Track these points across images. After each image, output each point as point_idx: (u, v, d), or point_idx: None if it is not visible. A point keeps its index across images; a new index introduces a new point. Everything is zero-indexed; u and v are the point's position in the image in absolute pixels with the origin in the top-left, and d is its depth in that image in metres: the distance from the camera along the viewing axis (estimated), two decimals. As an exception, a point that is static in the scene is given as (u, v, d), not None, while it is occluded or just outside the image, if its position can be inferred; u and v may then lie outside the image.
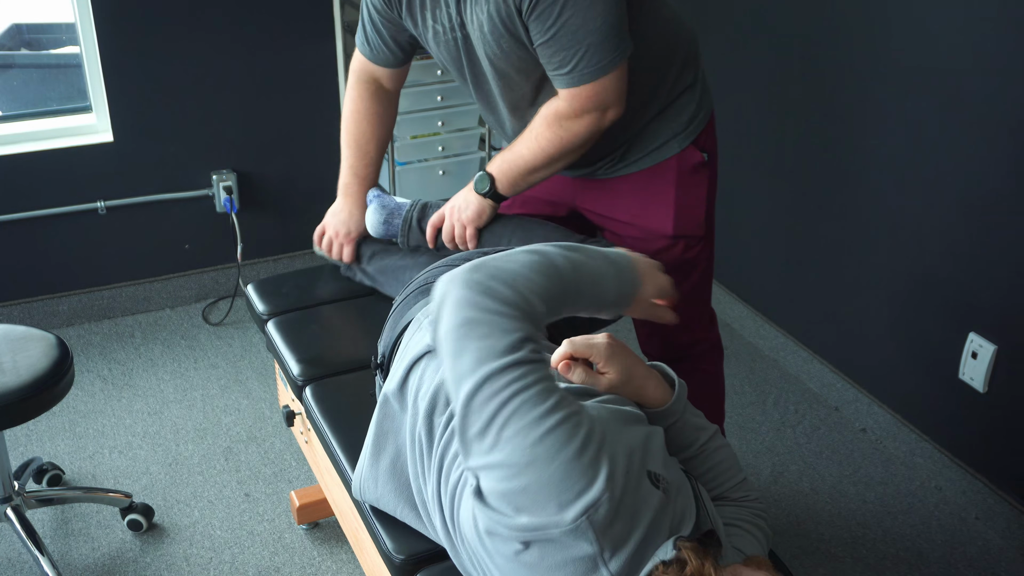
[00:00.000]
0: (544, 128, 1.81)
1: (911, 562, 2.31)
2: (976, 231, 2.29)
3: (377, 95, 2.09)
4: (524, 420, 1.17)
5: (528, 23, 1.68)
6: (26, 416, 2.06)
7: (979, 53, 2.19)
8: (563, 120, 1.79)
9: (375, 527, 1.60)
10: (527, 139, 1.84)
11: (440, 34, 1.83)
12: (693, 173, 1.99)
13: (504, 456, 1.17)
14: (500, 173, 1.89)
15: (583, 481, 1.15)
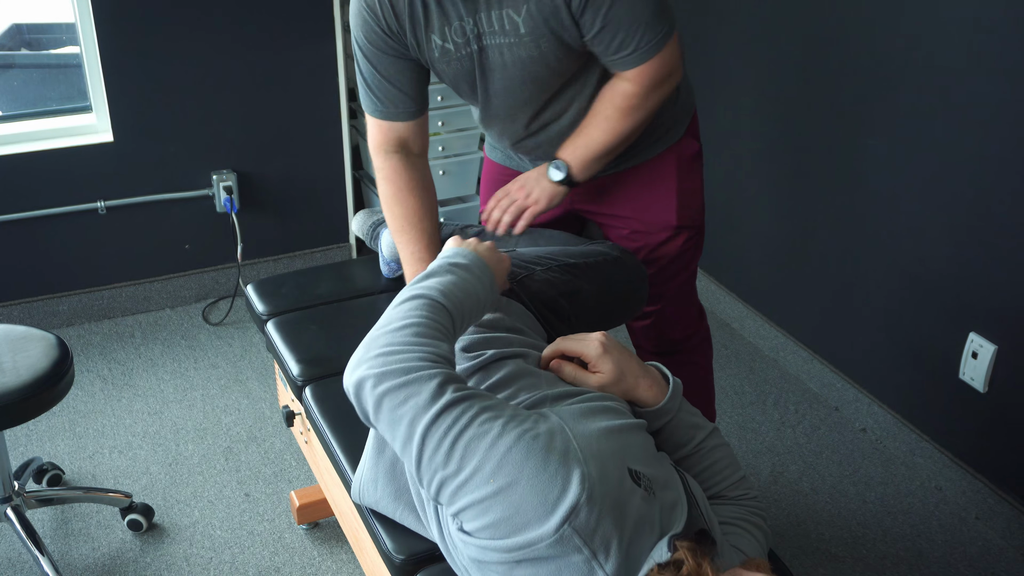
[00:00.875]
0: (614, 111, 1.80)
1: (911, 562, 2.30)
2: (976, 231, 2.29)
3: (408, 162, 1.90)
4: (477, 455, 1.17)
5: (579, 16, 1.67)
6: (26, 416, 2.06)
7: (979, 53, 2.18)
8: (635, 99, 1.79)
9: (375, 527, 1.60)
10: (598, 124, 1.83)
11: (451, 52, 1.76)
12: (691, 162, 2.03)
13: (473, 496, 1.17)
14: (575, 160, 1.85)
15: (556, 489, 1.14)
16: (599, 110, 1.83)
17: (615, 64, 1.77)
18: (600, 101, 1.83)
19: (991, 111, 2.19)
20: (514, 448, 1.16)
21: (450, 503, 1.20)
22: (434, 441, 1.19)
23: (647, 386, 1.43)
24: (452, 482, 1.19)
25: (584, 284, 1.79)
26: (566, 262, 1.83)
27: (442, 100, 3.14)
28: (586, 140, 1.84)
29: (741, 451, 2.63)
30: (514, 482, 1.15)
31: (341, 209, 3.38)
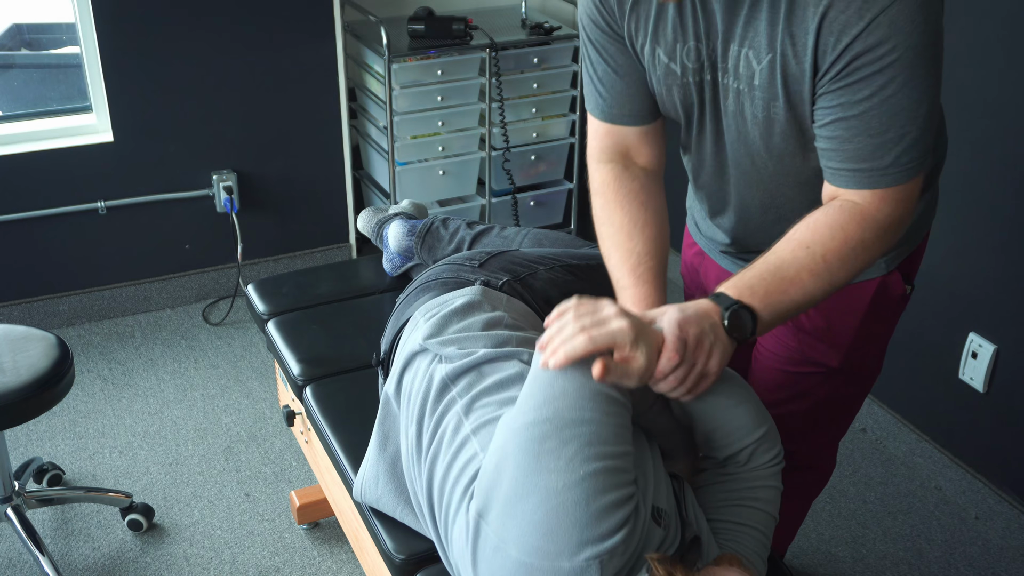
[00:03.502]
0: (842, 245, 1.31)
1: (911, 562, 2.31)
2: (976, 231, 2.29)
3: (629, 172, 1.52)
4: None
5: (822, 91, 1.28)
6: (26, 416, 2.06)
7: (979, 53, 2.19)
8: (871, 234, 1.32)
9: (375, 527, 1.60)
10: (812, 260, 1.30)
11: (677, 75, 1.40)
12: (889, 306, 1.59)
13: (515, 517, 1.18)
14: (770, 311, 1.30)
15: (605, 527, 1.14)
16: (820, 237, 1.31)
17: (846, 177, 1.32)
18: (824, 222, 1.32)
19: (990, 111, 2.19)
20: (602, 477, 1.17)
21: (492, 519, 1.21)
22: None
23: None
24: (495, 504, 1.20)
25: (586, 285, 1.77)
26: (569, 263, 1.81)
27: (442, 100, 3.15)
28: (787, 284, 1.30)
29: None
30: (586, 502, 1.15)
31: (341, 209, 3.38)
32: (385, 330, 1.76)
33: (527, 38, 3.20)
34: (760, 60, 1.30)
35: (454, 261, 1.75)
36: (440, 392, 1.42)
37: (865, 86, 1.24)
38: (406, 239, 2.12)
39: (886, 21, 1.20)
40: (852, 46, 1.22)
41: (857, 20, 1.20)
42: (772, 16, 1.27)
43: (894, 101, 1.24)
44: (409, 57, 3.04)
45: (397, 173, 3.16)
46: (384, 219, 2.30)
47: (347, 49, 3.19)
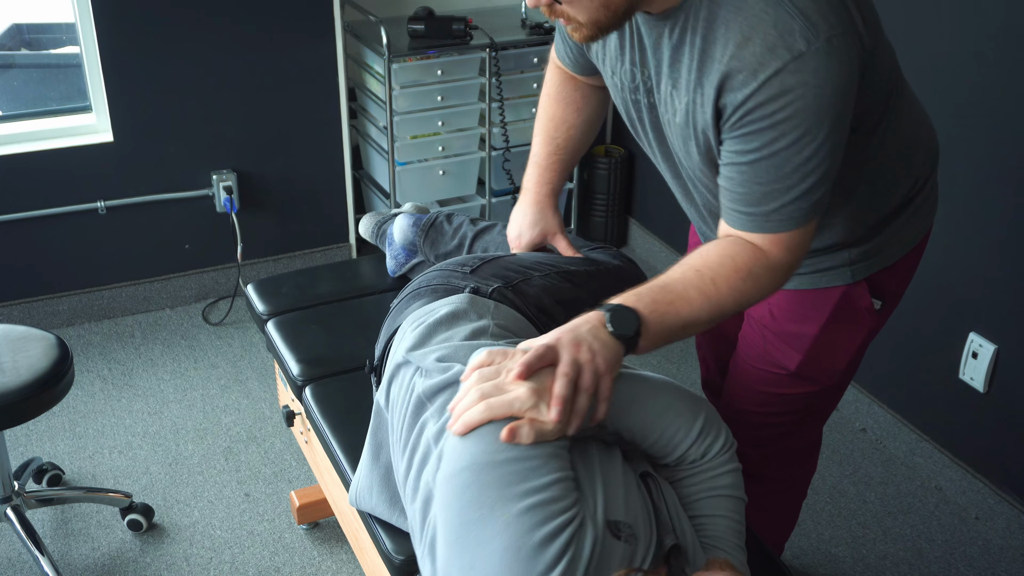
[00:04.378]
0: (731, 272, 1.36)
1: (911, 562, 2.31)
2: (976, 231, 2.29)
3: (574, 82, 1.76)
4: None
5: (723, 137, 1.34)
6: (26, 416, 2.06)
7: (978, 54, 2.18)
8: (760, 268, 1.37)
9: (375, 528, 1.60)
10: (701, 281, 1.35)
11: (618, 88, 1.52)
12: (853, 318, 1.61)
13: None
14: (656, 318, 1.32)
15: (542, 565, 1.12)
16: (711, 263, 1.37)
17: (741, 219, 1.38)
18: (721, 252, 1.38)
19: (990, 110, 2.19)
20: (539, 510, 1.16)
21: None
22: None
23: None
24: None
25: (582, 292, 1.72)
26: (565, 269, 1.76)
27: (442, 100, 3.15)
28: (675, 298, 1.35)
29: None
30: (520, 539, 1.14)
31: (341, 209, 3.38)
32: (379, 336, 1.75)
33: (527, 38, 3.20)
34: (680, 100, 1.39)
35: (446, 267, 1.72)
36: (417, 410, 1.39)
37: (756, 138, 1.30)
38: (411, 232, 2.11)
39: (777, 82, 1.25)
40: (746, 102, 1.27)
41: (752, 79, 1.26)
42: (690, 63, 1.34)
43: (783, 155, 1.29)
44: (409, 57, 3.04)
45: (397, 173, 3.16)
46: (386, 219, 2.29)
47: (347, 49, 3.19)
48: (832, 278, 1.58)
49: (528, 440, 1.19)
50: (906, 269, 1.64)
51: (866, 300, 1.60)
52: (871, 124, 1.45)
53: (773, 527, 1.95)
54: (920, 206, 1.60)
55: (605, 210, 3.56)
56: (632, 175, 3.60)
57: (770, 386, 1.71)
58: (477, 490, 1.17)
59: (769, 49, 1.24)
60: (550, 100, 1.79)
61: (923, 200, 1.60)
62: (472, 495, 1.17)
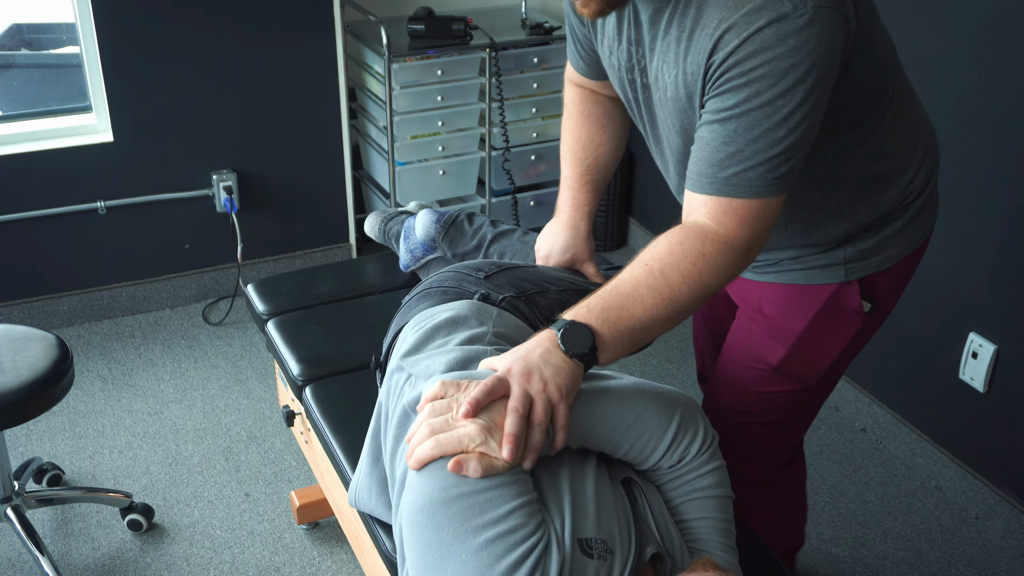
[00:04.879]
0: (680, 259, 1.31)
1: (911, 562, 2.31)
2: (976, 231, 2.29)
3: (595, 97, 1.75)
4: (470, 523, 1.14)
5: (706, 99, 1.33)
6: (26, 416, 2.06)
7: (978, 53, 2.18)
8: (712, 247, 1.32)
9: (375, 528, 1.60)
10: (650, 277, 1.30)
11: (614, 68, 1.53)
12: (842, 318, 1.59)
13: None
14: (609, 328, 1.28)
15: None
16: (658, 254, 1.32)
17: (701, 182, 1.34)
18: (666, 240, 1.33)
19: (990, 110, 2.19)
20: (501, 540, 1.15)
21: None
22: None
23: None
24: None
25: None
26: (584, 288, 1.71)
27: (442, 100, 3.15)
28: (626, 301, 1.30)
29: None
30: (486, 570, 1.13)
31: (341, 209, 3.38)
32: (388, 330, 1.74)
33: (527, 38, 3.20)
34: (670, 74, 1.38)
35: (461, 269, 1.70)
36: (403, 421, 1.38)
37: (731, 95, 1.29)
38: (433, 228, 2.10)
39: (759, 38, 1.25)
40: (729, 58, 1.28)
41: (736, 36, 1.27)
42: (679, 34, 1.34)
43: (754, 115, 1.28)
44: (409, 57, 3.04)
45: (397, 173, 3.16)
46: (391, 216, 2.29)
47: (347, 49, 3.19)
48: (825, 275, 1.57)
49: (477, 474, 1.16)
50: (901, 274, 1.62)
51: (855, 301, 1.58)
52: (868, 119, 1.44)
53: (773, 535, 1.94)
54: (920, 209, 1.59)
55: (605, 210, 3.56)
56: (632, 175, 3.59)
57: (753, 384, 1.70)
58: (433, 531, 1.15)
59: (757, 9, 1.25)
60: (573, 121, 1.78)
61: (923, 204, 1.59)
62: (429, 536, 1.15)
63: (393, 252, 2.30)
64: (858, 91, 1.39)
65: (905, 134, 1.53)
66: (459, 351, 1.42)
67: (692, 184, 1.36)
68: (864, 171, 1.50)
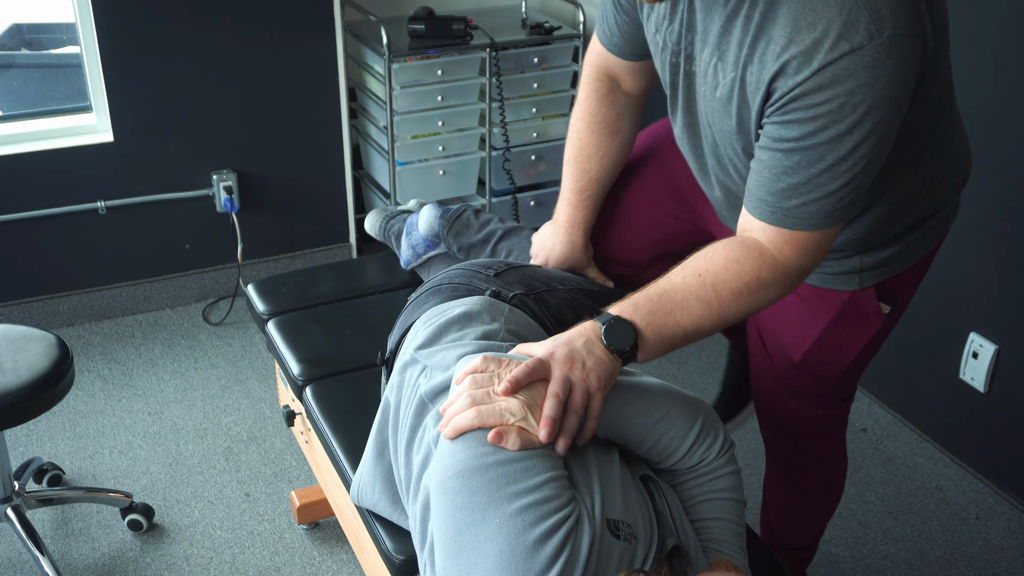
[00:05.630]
0: (735, 278, 1.31)
1: (911, 562, 2.31)
2: (976, 231, 2.29)
3: (610, 98, 1.68)
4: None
5: (764, 121, 1.30)
6: (26, 416, 2.06)
7: (977, 52, 2.18)
8: (768, 273, 1.32)
9: (375, 528, 1.60)
10: (702, 288, 1.31)
11: (659, 47, 1.46)
12: (860, 321, 1.59)
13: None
14: (653, 330, 1.30)
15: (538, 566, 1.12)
16: (714, 267, 1.32)
17: (759, 208, 1.32)
18: (720, 254, 1.33)
19: (989, 109, 2.19)
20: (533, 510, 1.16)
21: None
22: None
23: None
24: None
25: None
26: (591, 288, 1.74)
27: (442, 100, 3.14)
28: (674, 307, 1.32)
29: (741, 451, 2.63)
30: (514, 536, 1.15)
31: (341, 209, 3.38)
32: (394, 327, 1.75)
33: (527, 38, 3.20)
34: (726, 75, 1.33)
35: (470, 267, 1.70)
36: (419, 411, 1.39)
37: (796, 127, 1.25)
38: (437, 223, 2.10)
39: (830, 72, 1.20)
40: (795, 88, 1.23)
41: (806, 66, 1.22)
42: (743, 38, 1.29)
43: (820, 150, 1.24)
44: (409, 57, 3.04)
45: (397, 173, 3.16)
46: (393, 215, 2.29)
47: (347, 49, 3.19)
48: (839, 282, 1.56)
49: (515, 447, 1.19)
50: (915, 275, 1.61)
51: (873, 304, 1.57)
52: (927, 137, 1.40)
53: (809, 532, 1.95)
54: (943, 220, 1.57)
55: (605, 210, 3.56)
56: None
57: (782, 383, 1.70)
58: (467, 495, 1.17)
59: (830, 37, 1.20)
60: (583, 123, 1.71)
61: (946, 215, 1.57)
62: (463, 501, 1.17)
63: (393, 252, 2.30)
64: (920, 112, 1.34)
65: (947, 158, 1.49)
66: (475, 345, 1.43)
67: (752, 208, 1.34)
68: (895, 192, 1.46)
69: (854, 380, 1.73)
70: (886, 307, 1.58)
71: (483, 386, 1.24)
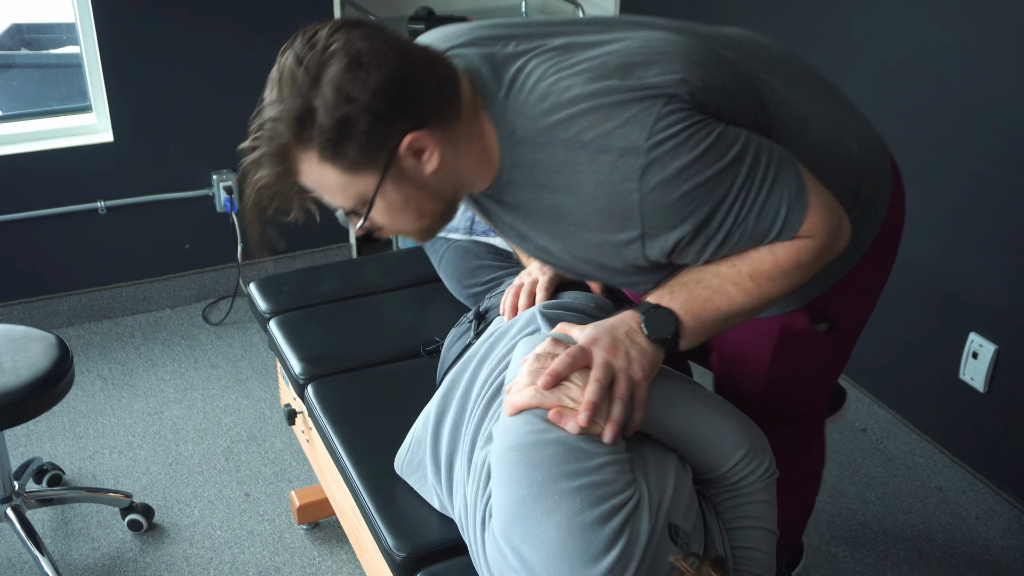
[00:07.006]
0: (772, 267, 1.29)
1: (911, 562, 2.31)
2: (976, 231, 2.29)
3: None
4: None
5: (675, 260, 1.29)
6: (26, 416, 2.06)
7: (977, 52, 2.19)
8: (808, 254, 1.30)
9: (376, 525, 1.60)
10: (738, 276, 1.29)
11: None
12: (800, 343, 1.56)
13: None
14: (693, 317, 1.29)
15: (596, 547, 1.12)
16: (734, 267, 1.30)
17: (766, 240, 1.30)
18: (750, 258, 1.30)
19: (989, 109, 2.19)
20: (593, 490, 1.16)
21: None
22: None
23: None
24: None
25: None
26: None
27: (442, 100, 3.14)
28: (711, 294, 1.30)
29: (741, 451, 2.63)
30: (572, 516, 1.15)
31: (341, 209, 3.38)
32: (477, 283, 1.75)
33: (527, 38, 3.20)
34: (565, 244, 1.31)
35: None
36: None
37: (699, 239, 1.24)
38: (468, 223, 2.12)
39: (656, 207, 1.19)
40: (655, 243, 1.23)
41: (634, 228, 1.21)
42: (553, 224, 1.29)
43: (734, 219, 1.23)
44: (409, 57, 3.04)
45: (397, 173, 3.16)
46: None
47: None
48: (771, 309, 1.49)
49: (574, 431, 1.19)
50: (848, 289, 1.54)
51: (804, 324, 1.54)
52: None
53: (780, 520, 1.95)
54: (857, 224, 1.45)
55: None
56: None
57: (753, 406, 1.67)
58: (526, 469, 1.17)
59: (621, 196, 1.19)
60: None
61: (858, 219, 1.45)
62: (521, 473, 1.17)
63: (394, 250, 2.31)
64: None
65: (819, 162, 1.38)
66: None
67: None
68: None
69: (824, 397, 1.72)
70: (822, 325, 1.55)
71: (547, 367, 1.24)
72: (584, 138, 1.19)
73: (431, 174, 1.24)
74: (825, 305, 1.53)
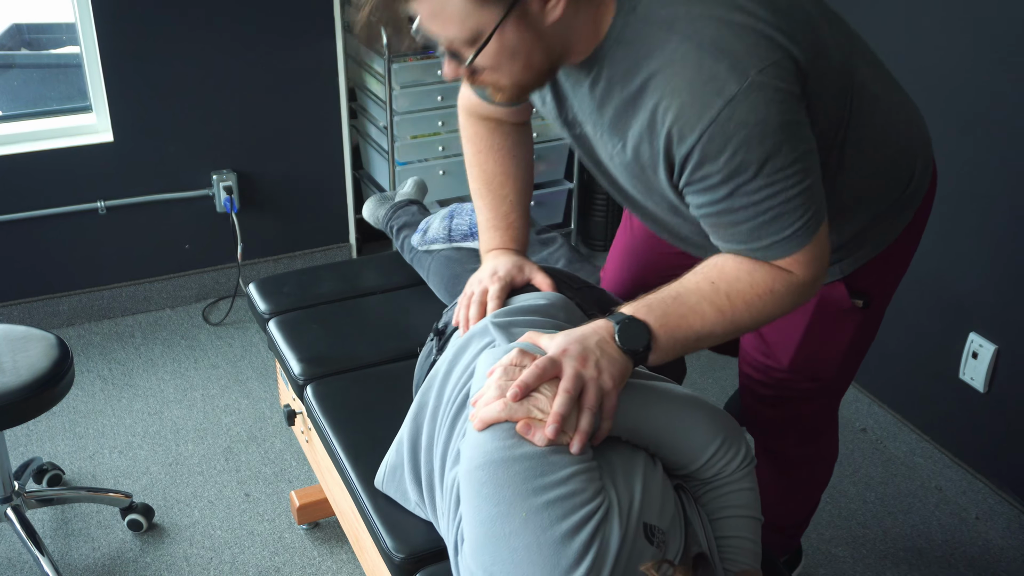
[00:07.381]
0: (748, 288, 1.31)
1: (911, 562, 2.31)
2: (976, 231, 2.29)
3: (500, 129, 1.68)
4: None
5: (683, 188, 1.29)
6: (26, 416, 2.06)
7: (976, 52, 2.19)
8: (782, 286, 1.32)
9: (375, 526, 1.60)
10: (715, 295, 1.31)
11: (545, 109, 1.48)
12: (836, 316, 1.59)
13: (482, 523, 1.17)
14: (666, 332, 1.29)
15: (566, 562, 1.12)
16: (727, 275, 1.32)
17: (732, 252, 1.33)
18: (735, 263, 1.32)
19: (989, 109, 2.19)
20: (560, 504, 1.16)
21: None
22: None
23: None
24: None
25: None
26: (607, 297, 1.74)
27: (442, 100, 3.14)
28: (687, 310, 1.31)
29: (741, 451, 2.63)
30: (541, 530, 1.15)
31: (341, 209, 3.38)
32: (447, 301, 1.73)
33: (527, 38, 3.20)
34: (614, 145, 1.33)
35: (557, 272, 1.69)
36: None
37: (717, 190, 1.25)
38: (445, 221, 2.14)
39: (718, 131, 1.19)
40: (692, 155, 1.23)
41: (690, 132, 1.21)
42: (619, 115, 1.29)
43: (752, 197, 1.24)
44: (409, 57, 3.04)
45: (397, 173, 3.16)
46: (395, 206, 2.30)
47: (347, 49, 3.19)
48: None
49: (542, 443, 1.18)
50: (887, 265, 1.58)
51: (844, 298, 1.56)
52: (832, 151, 1.37)
53: (788, 511, 1.95)
54: (902, 206, 1.52)
55: (605, 210, 3.56)
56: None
57: (772, 382, 1.71)
58: (493, 487, 1.16)
59: (701, 97, 1.19)
60: (482, 156, 1.70)
61: (904, 202, 1.52)
62: (489, 492, 1.17)
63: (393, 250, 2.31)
64: (825, 107, 1.32)
65: (877, 145, 1.45)
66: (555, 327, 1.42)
67: (738, 254, 1.33)
68: (840, 189, 1.43)
69: (849, 375, 1.73)
70: (859, 301, 1.57)
71: (514, 379, 1.23)
72: (703, 38, 1.20)
73: (550, 24, 1.22)
74: (861, 280, 1.55)
